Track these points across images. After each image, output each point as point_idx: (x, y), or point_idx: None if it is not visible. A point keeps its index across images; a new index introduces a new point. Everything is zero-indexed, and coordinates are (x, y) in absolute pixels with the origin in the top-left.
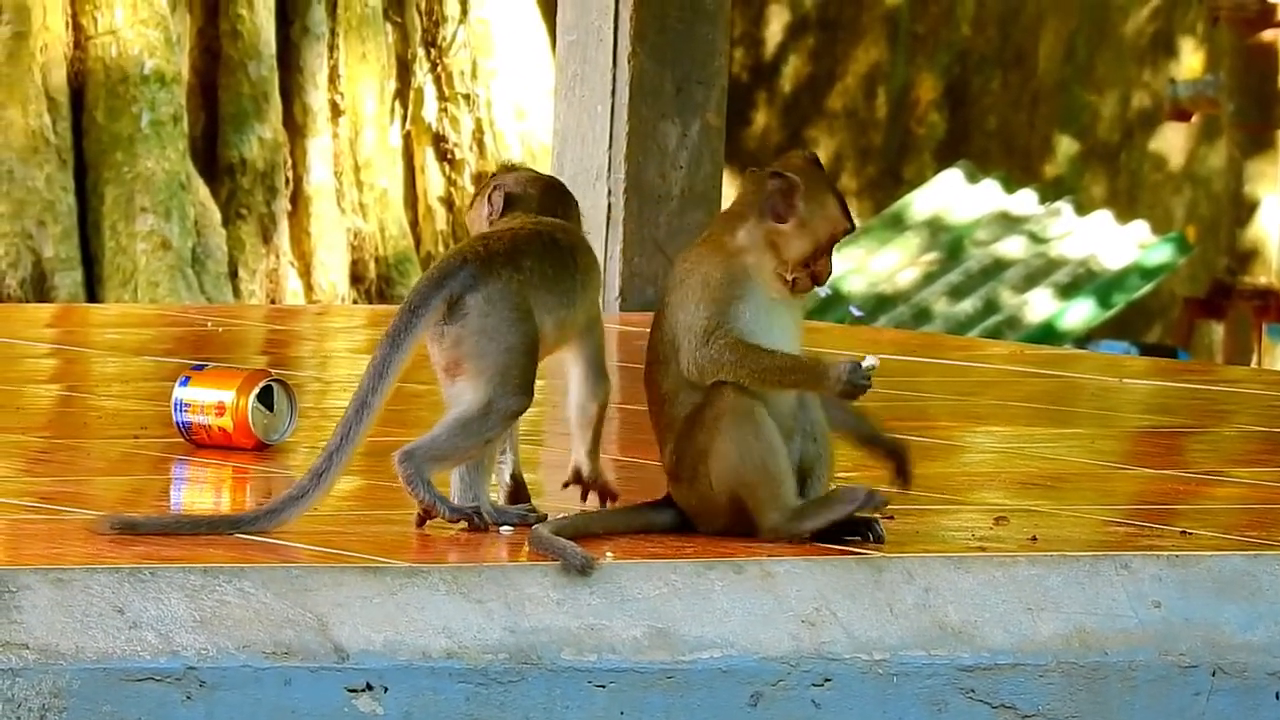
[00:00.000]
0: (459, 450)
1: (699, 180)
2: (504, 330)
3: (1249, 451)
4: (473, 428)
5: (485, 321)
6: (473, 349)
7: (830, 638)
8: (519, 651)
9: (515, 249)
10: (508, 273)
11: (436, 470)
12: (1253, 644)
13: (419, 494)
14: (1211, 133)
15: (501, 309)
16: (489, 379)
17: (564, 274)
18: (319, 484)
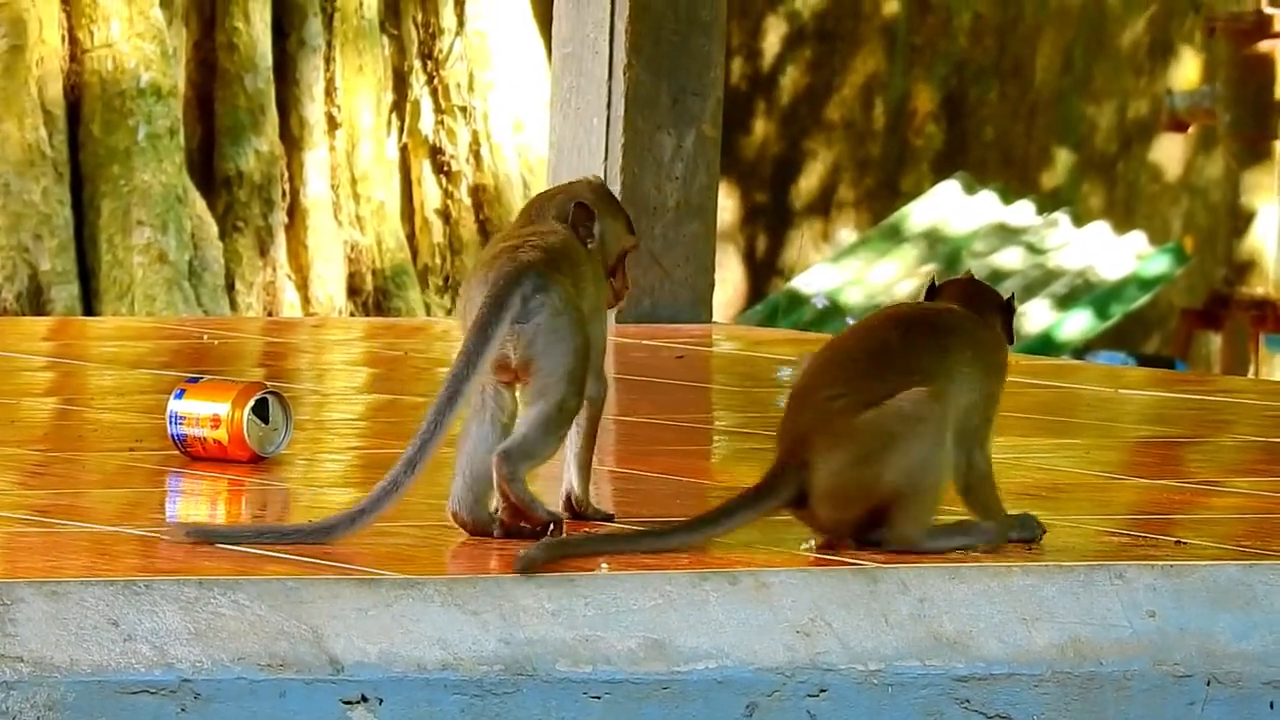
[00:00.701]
0: (547, 448)
1: (695, 192)
2: (572, 331)
3: (1246, 461)
4: (553, 425)
5: (557, 321)
6: (545, 347)
7: (825, 648)
8: (514, 663)
9: (551, 254)
10: (561, 276)
11: (528, 469)
12: (1247, 653)
13: (518, 492)
14: (1208, 143)
15: (570, 310)
16: (560, 377)
17: (576, 277)
18: (411, 473)
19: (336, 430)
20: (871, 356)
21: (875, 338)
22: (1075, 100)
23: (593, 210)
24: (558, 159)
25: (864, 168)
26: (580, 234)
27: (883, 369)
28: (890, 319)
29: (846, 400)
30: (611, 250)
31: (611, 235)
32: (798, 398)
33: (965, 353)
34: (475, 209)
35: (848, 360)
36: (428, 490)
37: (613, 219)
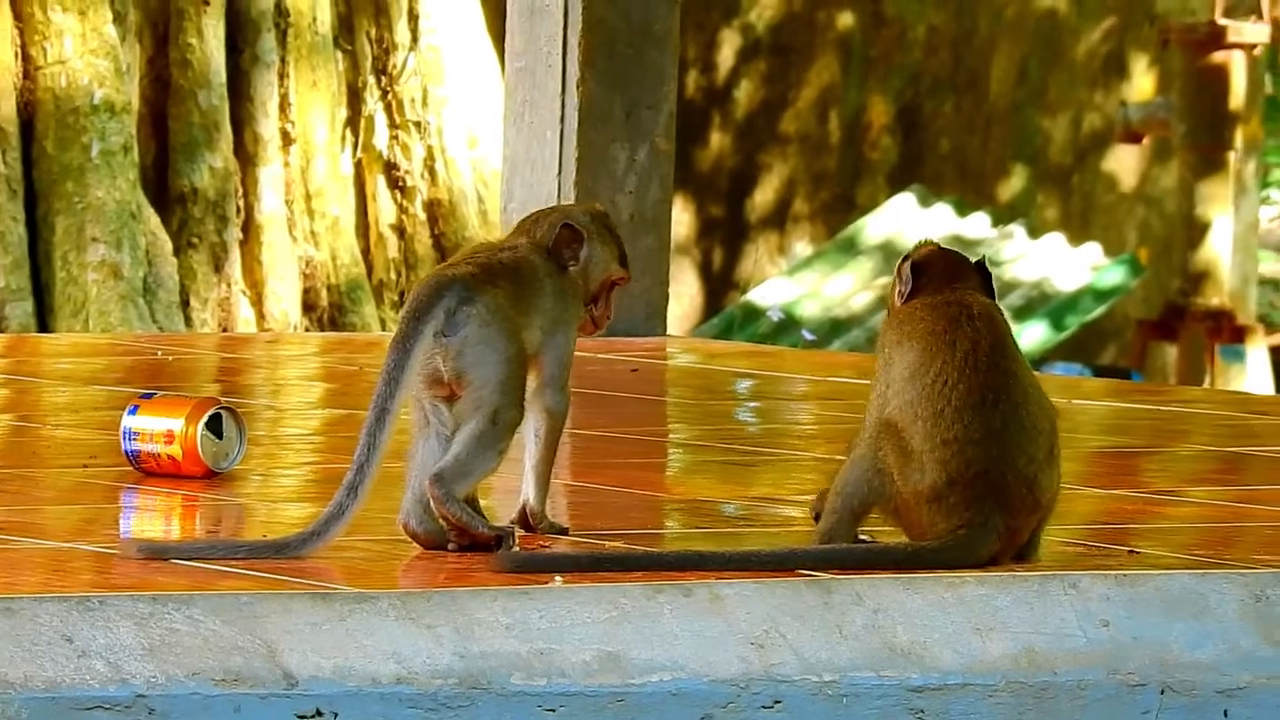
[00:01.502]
0: (483, 464)
1: (648, 205)
2: (502, 341)
3: (1202, 471)
4: (488, 440)
5: (485, 332)
6: (475, 359)
7: (780, 659)
8: (469, 676)
9: (489, 269)
10: (493, 288)
11: (464, 489)
12: (1201, 662)
13: (454, 513)
14: (1163, 154)
15: (498, 320)
16: (492, 390)
17: (525, 292)
18: (354, 496)
19: (291, 445)
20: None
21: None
22: (1030, 112)
23: (581, 234)
24: (512, 173)
25: (819, 181)
26: (563, 255)
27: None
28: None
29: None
30: (595, 277)
31: (599, 262)
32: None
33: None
34: (430, 224)
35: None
36: (381, 504)
37: (603, 246)
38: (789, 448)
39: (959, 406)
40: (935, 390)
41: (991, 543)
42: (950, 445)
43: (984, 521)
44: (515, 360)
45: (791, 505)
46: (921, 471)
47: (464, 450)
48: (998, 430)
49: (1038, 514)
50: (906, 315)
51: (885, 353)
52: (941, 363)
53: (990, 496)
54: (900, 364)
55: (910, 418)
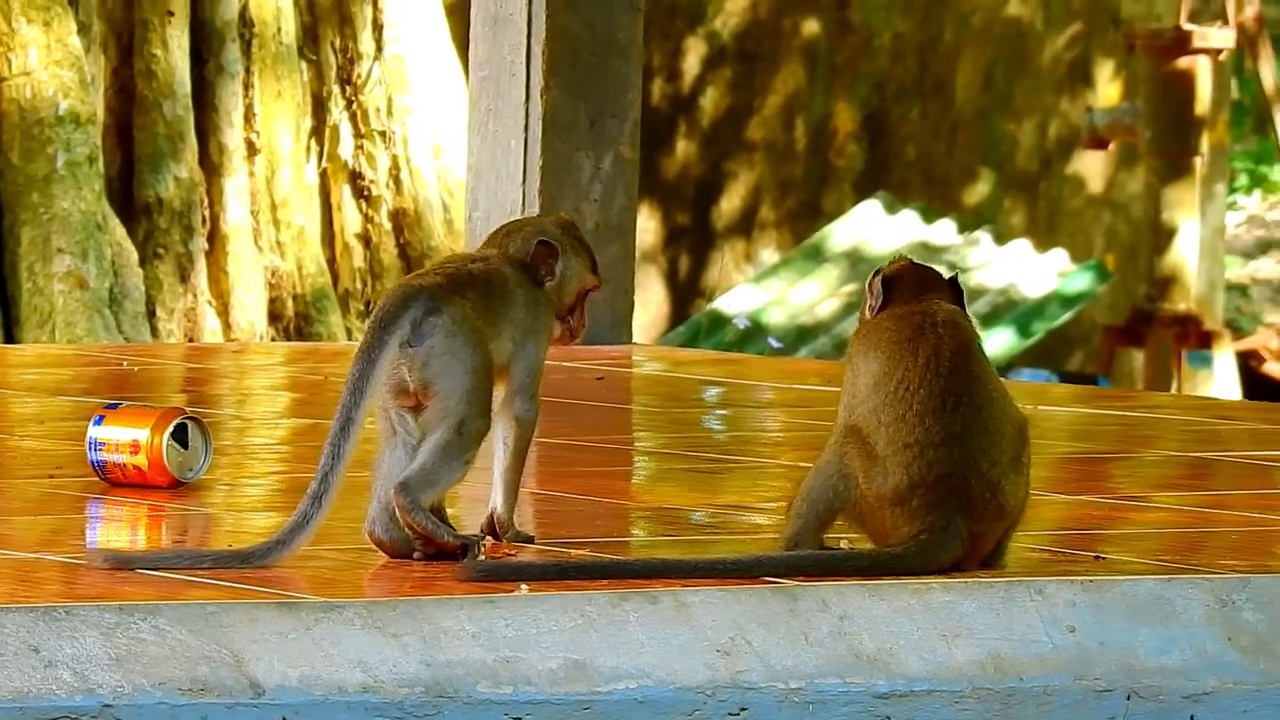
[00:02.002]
0: (449, 474)
1: (614, 213)
2: (468, 351)
3: (1168, 477)
4: (453, 450)
5: (451, 342)
6: (441, 369)
7: (746, 667)
8: (435, 685)
9: (457, 280)
10: (460, 298)
11: (429, 498)
12: (1167, 667)
13: (419, 522)
14: (1129, 160)
15: (464, 329)
16: (458, 400)
17: (494, 303)
18: (319, 506)
19: (258, 455)
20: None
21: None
22: (996, 119)
23: (557, 248)
24: (476, 182)
25: (785, 188)
26: (540, 271)
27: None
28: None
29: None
30: (570, 289)
31: (573, 274)
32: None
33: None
34: (396, 233)
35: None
36: (347, 514)
37: (577, 258)
38: (755, 455)
39: (920, 411)
40: (898, 396)
41: (954, 548)
42: (912, 448)
43: (946, 525)
44: (481, 370)
45: (758, 513)
46: (885, 475)
47: (430, 460)
48: (959, 433)
49: (1003, 520)
50: (873, 327)
51: (853, 364)
52: (904, 369)
53: (952, 500)
54: (865, 373)
55: (874, 424)
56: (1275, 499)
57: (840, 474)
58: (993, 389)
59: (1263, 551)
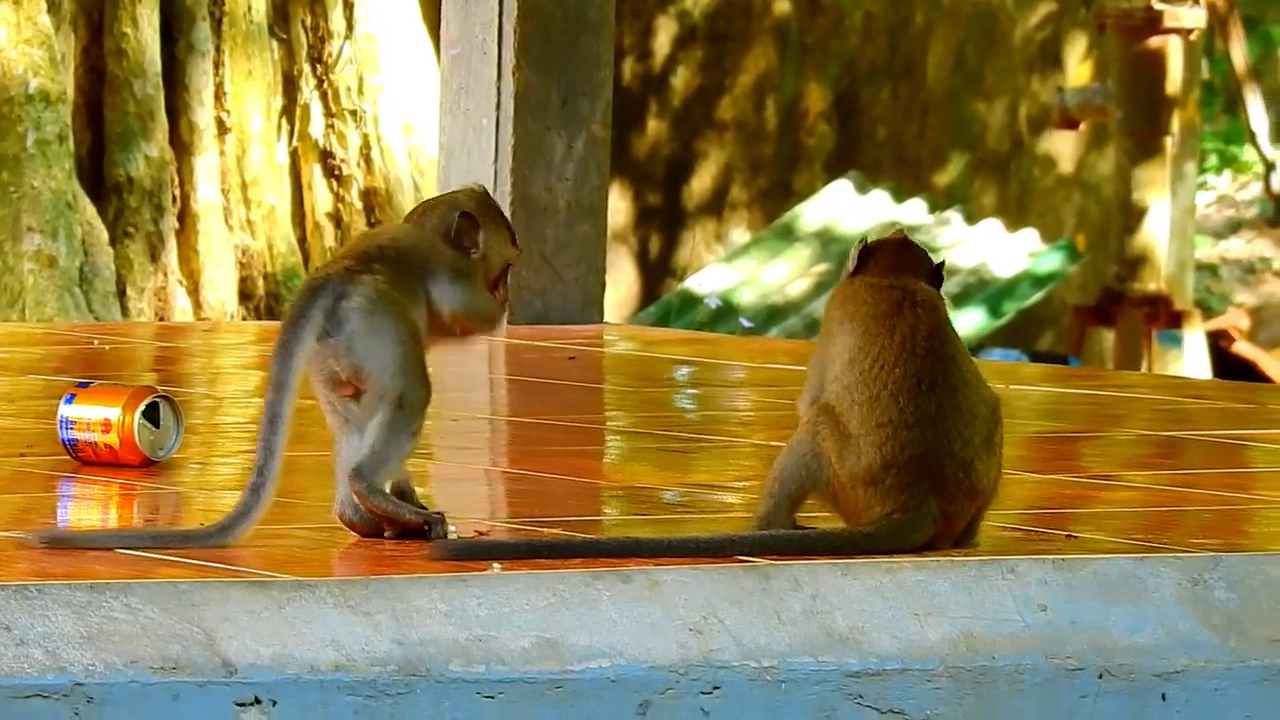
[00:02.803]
0: (398, 450)
1: (586, 192)
2: (389, 324)
3: (1140, 455)
4: (399, 425)
5: (370, 321)
6: (366, 352)
7: (718, 645)
8: (407, 663)
9: (365, 256)
10: (370, 274)
11: (384, 478)
12: (1139, 646)
13: (378, 504)
14: (1100, 140)
15: (382, 305)
16: (392, 376)
17: (409, 272)
18: (258, 498)
19: (229, 434)
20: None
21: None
22: (967, 99)
23: (478, 221)
24: (448, 161)
25: (756, 168)
26: (464, 244)
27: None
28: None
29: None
30: (494, 261)
31: (495, 246)
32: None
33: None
34: (366, 212)
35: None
36: (318, 493)
37: (496, 230)
38: (727, 434)
39: (895, 390)
40: (872, 375)
41: (926, 528)
42: (885, 428)
43: (919, 505)
44: (409, 339)
45: (729, 492)
46: (858, 455)
47: (377, 440)
48: (933, 414)
49: (975, 500)
50: (851, 294)
51: (828, 327)
52: (880, 347)
53: (925, 480)
54: (840, 345)
55: (848, 402)
56: (1245, 478)
57: (813, 453)
58: (966, 370)
59: (1234, 530)
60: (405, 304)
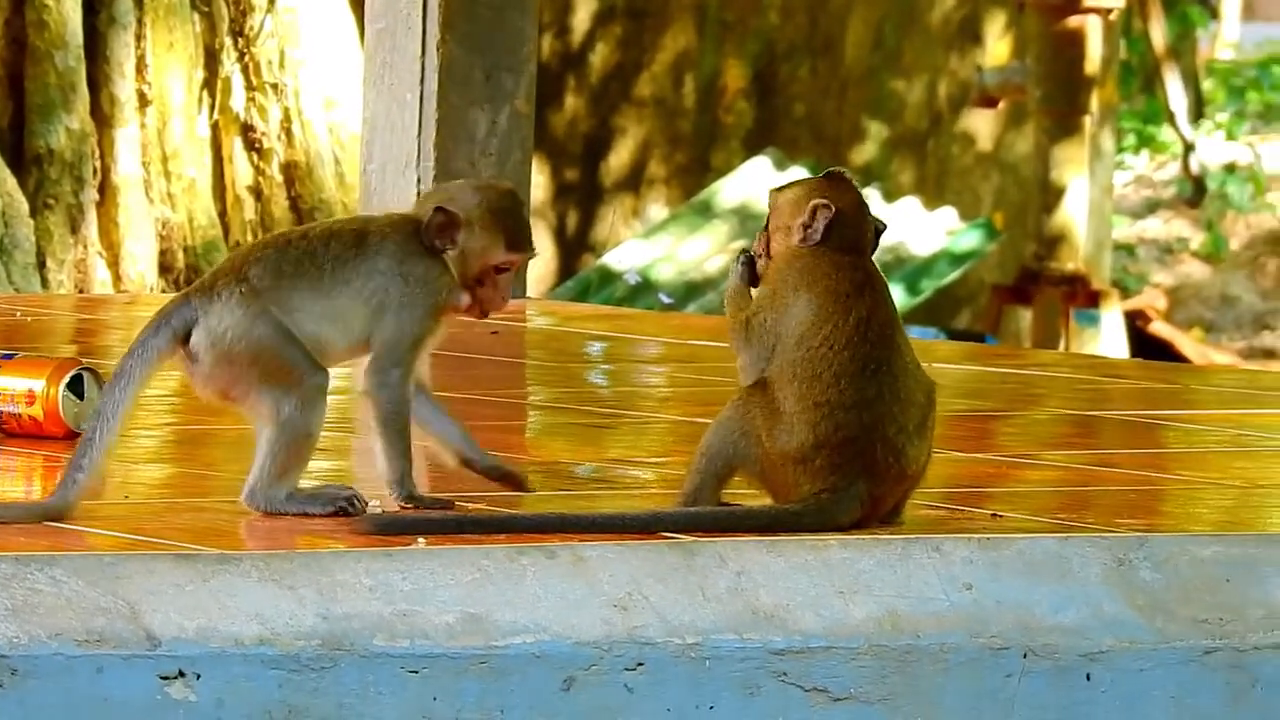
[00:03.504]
0: (287, 459)
1: (509, 168)
2: (240, 348)
3: (1059, 435)
4: (286, 436)
5: (222, 342)
6: (229, 373)
7: (643, 622)
8: (331, 638)
9: (237, 263)
10: (227, 289)
11: (286, 485)
12: (1064, 626)
13: (286, 512)
14: (1019, 119)
15: (229, 322)
16: (258, 393)
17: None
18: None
19: (149, 406)
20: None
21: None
22: (886, 77)
23: (457, 218)
24: (371, 135)
25: (675, 144)
26: (434, 239)
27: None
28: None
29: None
30: (474, 262)
31: (479, 247)
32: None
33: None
34: (287, 186)
35: None
36: (237, 466)
37: (486, 230)
38: (644, 410)
39: (838, 372)
40: (819, 354)
41: (854, 509)
42: (822, 408)
43: (848, 487)
44: (268, 348)
45: (645, 467)
46: (790, 432)
47: (266, 457)
48: (871, 399)
49: (904, 483)
50: (813, 265)
51: (779, 291)
52: (833, 327)
53: (856, 462)
54: (792, 317)
55: (788, 377)
56: (1162, 457)
57: (741, 430)
58: (909, 357)
59: (1155, 510)
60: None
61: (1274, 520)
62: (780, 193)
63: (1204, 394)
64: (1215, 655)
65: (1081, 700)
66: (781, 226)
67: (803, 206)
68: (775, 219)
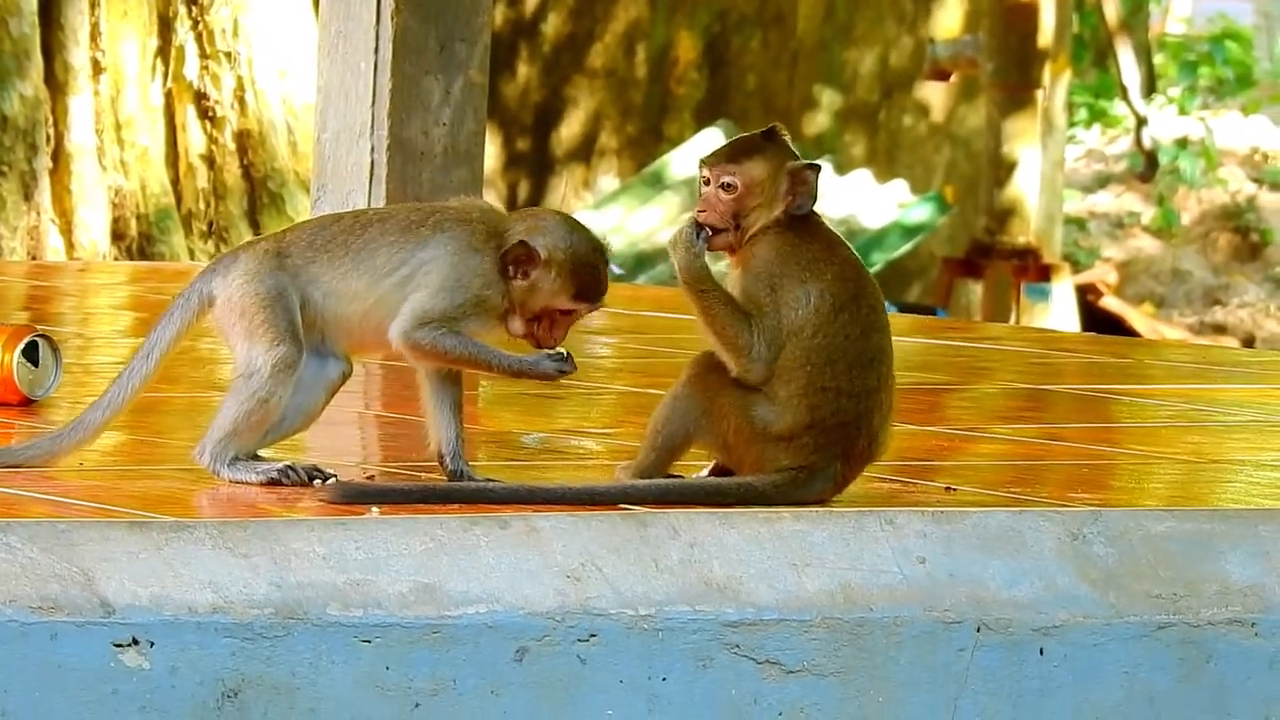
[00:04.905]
0: (239, 416)
1: (462, 137)
2: (238, 297)
3: (1011, 408)
4: (241, 391)
5: (228, 296)
6: (225, 320)
7: (595, 593)
8: (285, 606)
9: (286, 229)
10: (248, 253)
11: (232, 448)
12: (1017, 600)
13: (229, 478)
14: (971, 92)
15: (234, 281)
16: (242, 341)
17: (338, 245)
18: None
19: (103, 373)
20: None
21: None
22: (837, 48)
23: (536, 256)
24: (325, 103)
25: (626, 115)
26: (510, 268)
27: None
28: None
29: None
30: (538, 300)
31: (547, 289)
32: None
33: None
34: (240, 154)
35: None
36: (189, 433)
37: (562, 277)
38: (592, 381)
39: (852, 360)
40: (834, 343)
41: (825, 489)
42: (828, 393)
43: (826, 466)
44: (257, 305)
45: (592, 438)
46: (782, 413)
47: (221, 412)
48: (872, 388)
49: (870, 464)
50: (803, 249)
51: (778, 287)
52: (849, 316)
53: (839, 444)
54: (805, 310)
55: (800, 363)
56: (1114, 432)
57: (703, 410)
58: (891, 341)
59: (1106, 485)
60: (272, 272)
61: (1227, 495)
62: (742, 165)
63: (1156, 369)
64: (1169, 630)
65: (1034, 675)
66: (761, 203)
67: (780, 175)
68: (750, 195)
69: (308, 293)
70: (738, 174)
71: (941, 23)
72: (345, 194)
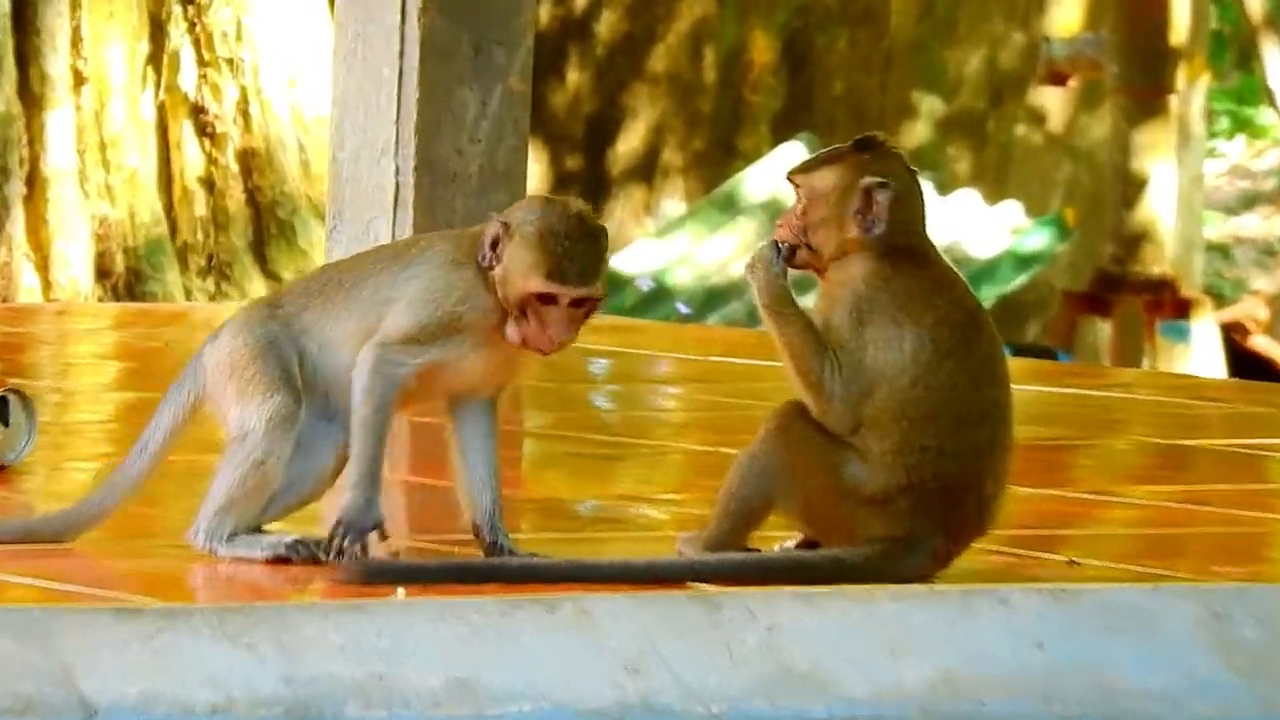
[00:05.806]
0: (234, 484)
1: (501, 156)
2: (227, 353)
3: (1142, 467)
4: (235, 456)
5: (216, 361)
6: (214, 382)
7: (658, 686)
8: (297, 704)
9: (290, 289)
10: (245, 313)
11: (230, 521)
12: (1150, 690)
13: (228, 556)
14: (1093, 99)
15: (221, 338)
16: (234, 404)
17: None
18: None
19: (83, 434)
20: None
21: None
22: (937, 49)
23: (506, 232)
24: (342, 117)
25: (693, 127)
26: (484, 251)
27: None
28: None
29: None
30: (513, 284)
31: (516, 269)
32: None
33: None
34: (243, 176)
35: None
36: (184, 503)
37: (528, 252)
38: (655, 439)
39: (958, 416)
40: (937, 395)
41: (926, 564)
42: (928, 452)
43: (926, 537)
44: (248, 357)
45: (656, 505)
46: (873, 471)
47: (214, 484)
48: (982, 448)
49: (980, 537)
50: (901, 282)
51: (865, 320)
52: (956, 363)
53: (941, 513)
54: (899, 354)
55: (894, 416)
56: (1265, 495)
57: (785, 465)
58: (1011, 398)
59: (1256, 556)
60: (261, 323)
61: None
62: (810, 175)
63: None
64: None
65: None
66: (828, 218)
67: (851, 190)
68: (815, 209)
69: (303, 345)
70: (802, 184)
71: (1058, 18)
72: (365, 221)
